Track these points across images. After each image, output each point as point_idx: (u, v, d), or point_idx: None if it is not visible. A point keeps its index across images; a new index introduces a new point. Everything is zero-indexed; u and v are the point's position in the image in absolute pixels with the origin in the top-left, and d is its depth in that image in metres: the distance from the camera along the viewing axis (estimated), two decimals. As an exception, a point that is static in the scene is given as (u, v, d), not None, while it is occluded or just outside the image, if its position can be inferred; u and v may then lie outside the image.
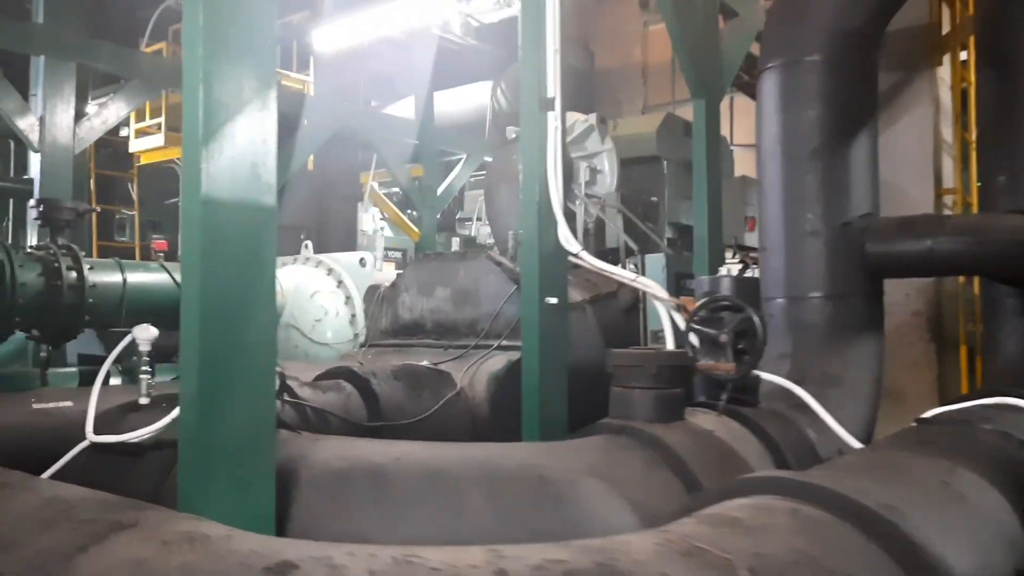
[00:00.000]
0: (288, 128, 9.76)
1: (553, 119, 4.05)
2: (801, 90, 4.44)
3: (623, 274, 4.09)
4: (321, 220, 10.99)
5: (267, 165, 2.38)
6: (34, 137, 7.01)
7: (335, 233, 11.16)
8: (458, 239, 10.48)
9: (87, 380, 5.97)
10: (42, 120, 7.07)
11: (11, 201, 12.56)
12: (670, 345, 3.70)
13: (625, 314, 7.46)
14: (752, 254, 9.52)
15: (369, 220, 11.35)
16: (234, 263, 2.26)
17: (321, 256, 8.20)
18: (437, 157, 11.97)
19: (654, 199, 10.45)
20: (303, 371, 5.56)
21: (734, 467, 2.82)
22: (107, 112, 7.69)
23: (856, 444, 3.29)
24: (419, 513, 2.29)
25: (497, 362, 6.14)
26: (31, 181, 7.72)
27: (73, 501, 1.90)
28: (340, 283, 7.78)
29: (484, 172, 13.11)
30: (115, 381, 6.17)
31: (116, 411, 3.47)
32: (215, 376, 2.21)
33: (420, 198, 11.47)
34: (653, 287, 3.94)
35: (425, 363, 6.07)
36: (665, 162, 10.98)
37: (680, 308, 3.74)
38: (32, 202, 5.88)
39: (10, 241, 11.85)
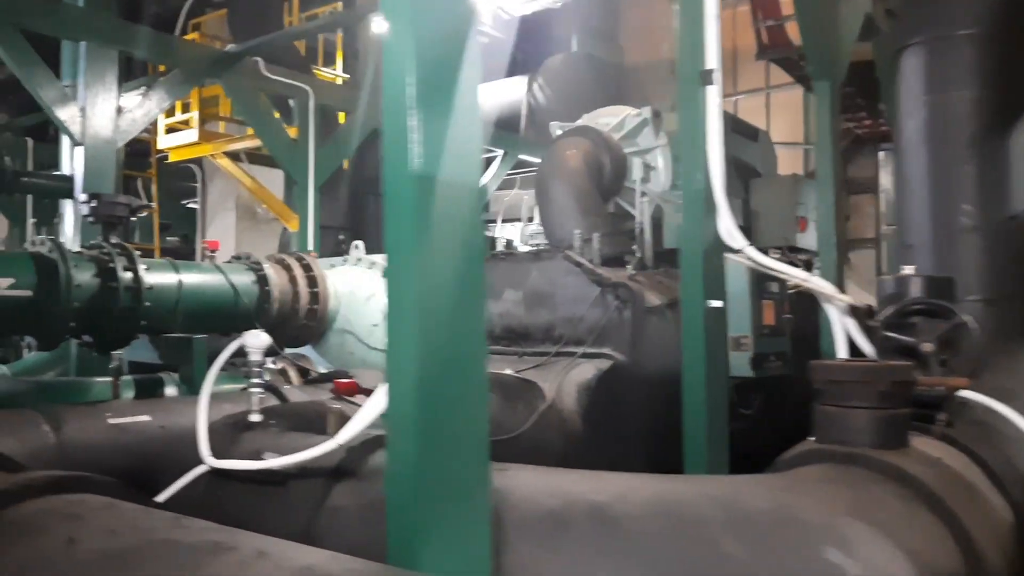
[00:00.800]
0: (328, 124, 9.32)
1: (714, 95, 3.61)
2: (953, 69, 4.01)
3: (795, 273, 3.65)
4: (358, 220, 10.54)
5: (476, 140, 1.93)
6: (76, 129, 6.56)
7: (371, 234, 10.71)
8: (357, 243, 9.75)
9: (142, 391, 5.51)
10: (83, 111, 6.62)
11: (29, 199, 12.08)
12: (842, 353, 3.28)
13: (699, 318, 7.03)
14: (801, 256, 9.13)
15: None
16: (449, 250, 1.81)
17: (374, 257, 7.75)
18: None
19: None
20: (370, 380, 5.13)
21: (981, 505, 2.40)
22: (149, 103, 7.24)
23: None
24: (663, 564, 1.85)
25: (585, 371, 5.71)
26: (63, 178, 7.28)
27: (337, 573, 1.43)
28: (396, 285, 7.33)
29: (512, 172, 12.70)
30: (170, 391, 5.73)
31: (226, 429, 3.02)
32: (434, 394, 1.77)
33: (458, 197, 11.03)
34: (828, 288, 3.51)
35: (508, 372, 5.63)
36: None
37: (854, 311, 3.31)
38: (83, 196, 5.42)
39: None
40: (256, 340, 3.19)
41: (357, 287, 7.25)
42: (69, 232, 7.37)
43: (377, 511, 1.92)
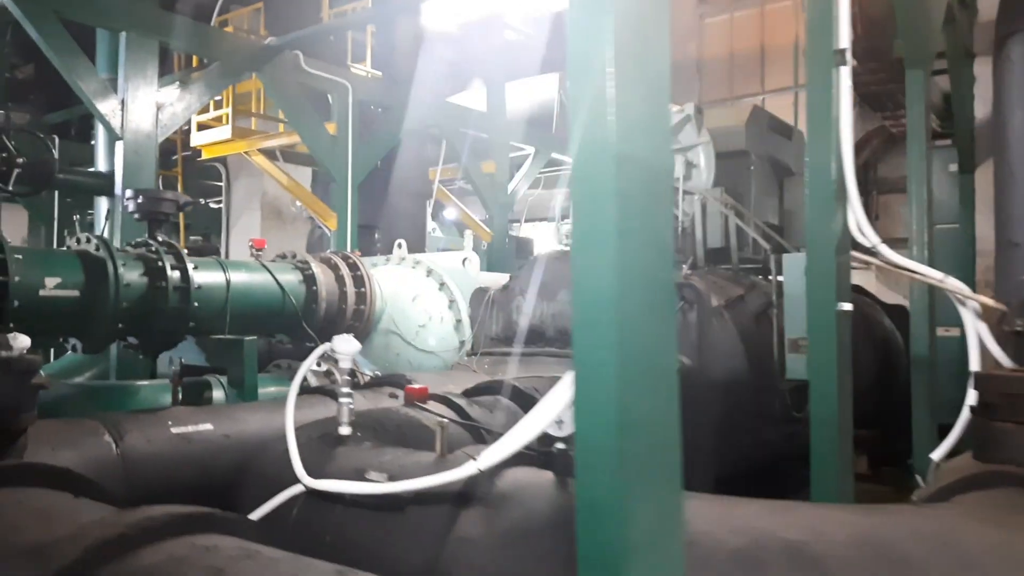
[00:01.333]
0: (366, 121, 9.06)
1: (846, 76, 3.33)
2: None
3: (931, 273, 3.37)
4: (391, 219, 10.28)
5: (667, 116, 1.65)
6: (116, 122, 6.30)
7: (404, 233, 10.45)
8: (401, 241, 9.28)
9: (190, 395, 5.23)
10: (123, 104, 6.37)
11: (56, 195, 11.86)
12: (975, 361, 3.00)
13: (755, 320, 6.75)
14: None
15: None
16: (647, 243, 1.53)
17: (419, 256, 7.51)
18: (506, 153, 11.25)
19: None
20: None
21: None
22: (190, 97, 6.99)
23: None
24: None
25: (653, 375, 5.43)
26: (100, 175, 7.02)
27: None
28: (442, 285, 7.07)
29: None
30: (217, 395, 5.46)
31: (314, 444, 2.75)
32: (632, 416, 1.50)
33: (492, 196, 10.75)
34: (963, 289, 3.23)
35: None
36: (753, 157, 10.33)
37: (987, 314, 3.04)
38: (128, 192, 5.17)
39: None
40: (346, 345, 2.92)
41: (402, 287, 6.99)
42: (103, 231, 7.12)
43: (516, 543, 1.65)
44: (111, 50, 7.14)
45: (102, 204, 7.08)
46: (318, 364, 6.30)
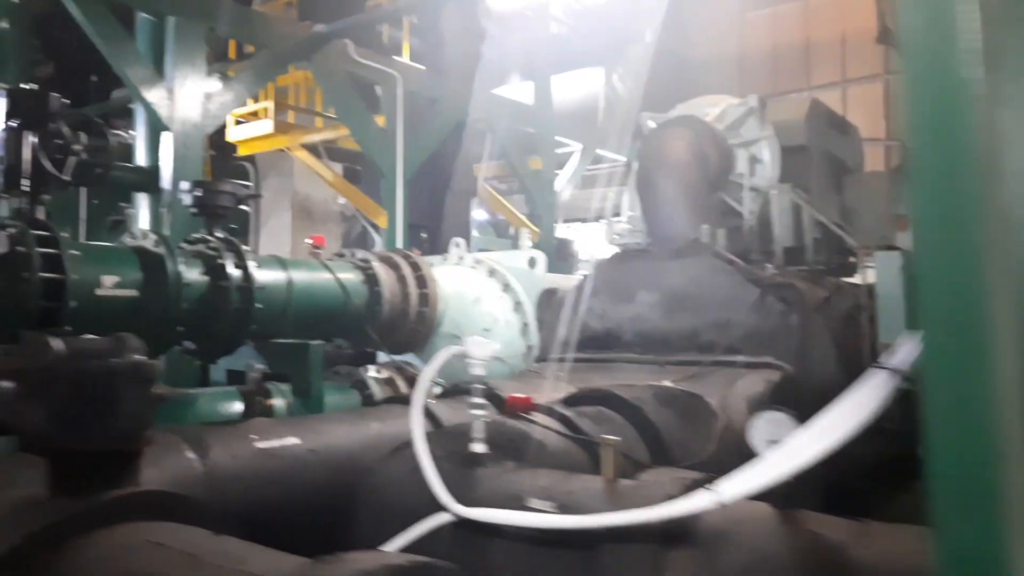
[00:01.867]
0: (416, 113, 8.67)
1: None
2: None
3: None
4: (436, 217, 9.90)
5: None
6: (164, 112, 5.93)
7: (450, 232, 10.06)
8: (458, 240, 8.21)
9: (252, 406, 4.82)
10: (171, 92, 6.00)
11: (83, 194, 11.50)
12: None
13: (844, 323, 6.31)
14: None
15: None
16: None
17: (479, 255, 7.09)
18: (553, 149, 10.83)
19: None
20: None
21: None
22: (239, 86, 6.62)
23: None
24: None
25: (753, 384, 5.01)
26: (140, 170, 6.65)
27: None
28: (507, 287, 6.65)
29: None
30: (278, 403, 5.05)
31: (447, 466, 2.33)
32: (1009, 438, 1.07)
33: (540, 194, 10.34)
34: None
35: (667, 383, 4.93)
36: (813, 152, 9.91)
37: None
38: (184, 185, 4.79)
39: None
40: (481, 349, 2.51)
41: (464, 288, 6.58)
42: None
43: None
44: (153, 38, 6.77)
45: (141, 201, 6.69)
46: (378, 371, 5.91)
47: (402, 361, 6.33)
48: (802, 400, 5.30)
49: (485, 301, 6.54)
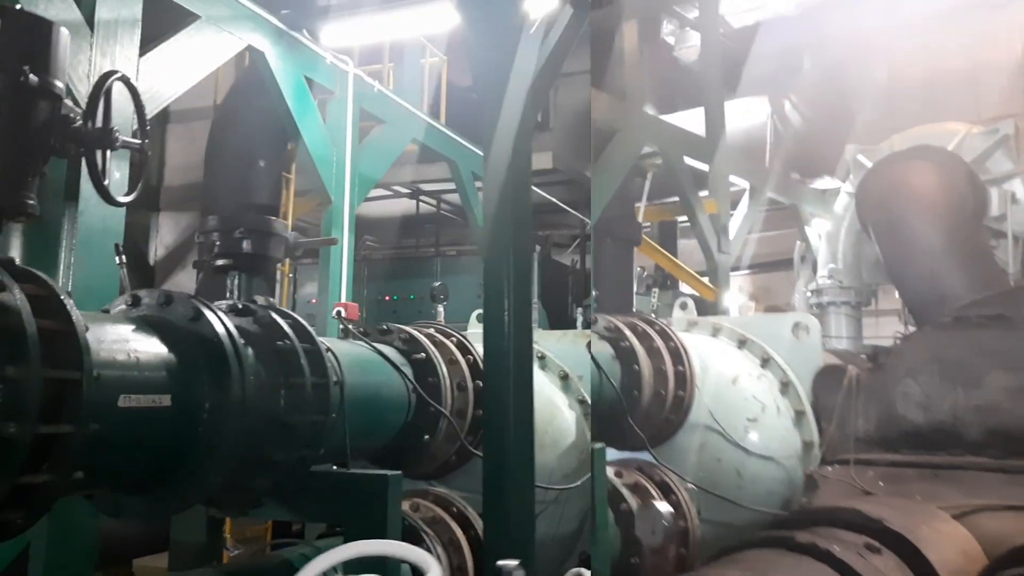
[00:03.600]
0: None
1: None
2: None
3: None
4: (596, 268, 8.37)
5: None
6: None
7: (609, 289, 8.50)
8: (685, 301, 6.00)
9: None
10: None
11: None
12: None
13: None
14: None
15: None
16: None
17: (719, 319, 5.54)
18: (727, 188, 9.23)
19: None
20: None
21: None
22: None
23: None
24: None
25: None
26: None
27: None
28: (766, 361, 5.05)
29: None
30: None
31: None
32: None
33: (715, 242, 8.75)
34: None
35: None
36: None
37: None
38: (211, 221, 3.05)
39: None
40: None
41: (716, 364, 4.98)
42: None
43: None
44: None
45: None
46: (616, 473, 4.38)
47: (640, 460, 4.72)
48: None
49: (743, 380, 4.95)
